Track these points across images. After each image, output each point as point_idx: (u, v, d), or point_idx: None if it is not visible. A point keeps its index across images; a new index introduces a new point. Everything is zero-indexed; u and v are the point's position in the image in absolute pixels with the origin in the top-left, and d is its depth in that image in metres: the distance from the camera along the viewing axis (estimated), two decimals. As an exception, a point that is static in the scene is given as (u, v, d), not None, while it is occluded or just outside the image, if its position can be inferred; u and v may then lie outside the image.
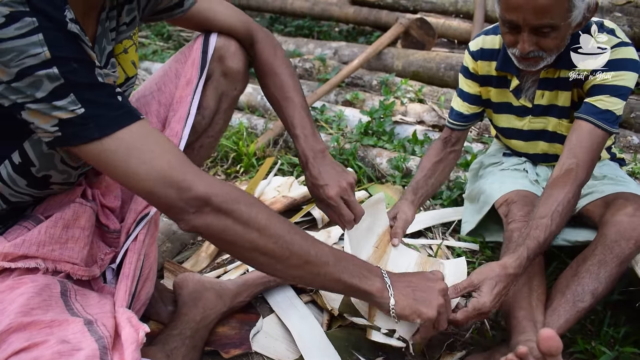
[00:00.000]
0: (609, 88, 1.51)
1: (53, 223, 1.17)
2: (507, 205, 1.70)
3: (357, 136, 2.76)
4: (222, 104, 1.43)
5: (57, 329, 1.00)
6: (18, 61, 0.87)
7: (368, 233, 1.59)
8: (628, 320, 1.59)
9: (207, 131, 1.43)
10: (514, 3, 1.41)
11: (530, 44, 1.47)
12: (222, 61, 1.38)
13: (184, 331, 1.36)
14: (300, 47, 4.17)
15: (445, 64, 3.49)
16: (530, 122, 1.76)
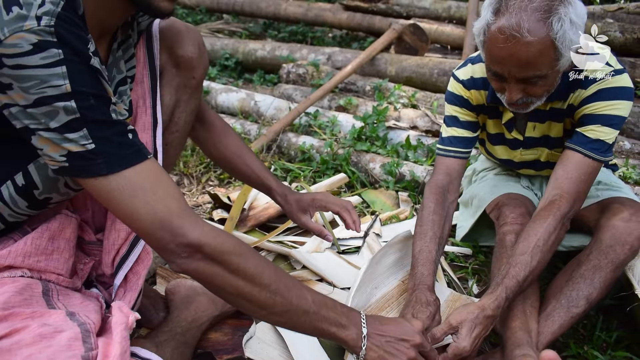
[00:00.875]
0: (600, 117, 1.46)
1: (39, 234, 1.16)
2: (498, 209, 1.70)
3: (351, 141, 2.76)
4: (181, 96, 1.37)
5: (38, 318, 0.99)
6: (38, 89, 0.88)
7: (395, 267, 1.63)
8: (620, 325, 1.59)
9: (169, 128, 1.37)
10: (497, 56, 1.36)
11: (517, 93, 1.41)
12: (172, 51, 1.32)
13: (175, 328, 1.36)
14: (294, 53, 4.18)
15: (438, 69, 3.50)
16: (522, 154, 1.75)
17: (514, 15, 1.29)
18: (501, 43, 1.32)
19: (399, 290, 1.65)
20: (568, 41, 1.31)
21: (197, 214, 1.02)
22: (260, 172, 1.61)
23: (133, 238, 1.24)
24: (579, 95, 1.50)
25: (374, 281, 1.62)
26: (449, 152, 1.70)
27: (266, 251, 1.93)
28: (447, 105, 1.73)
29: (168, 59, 1.33)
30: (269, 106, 3.32)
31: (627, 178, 2.35)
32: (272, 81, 4.20)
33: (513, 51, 1.31)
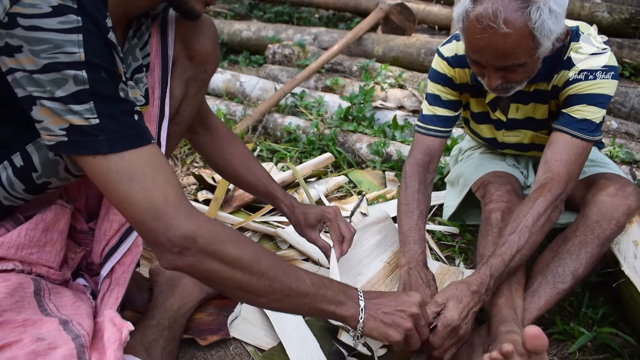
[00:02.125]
0: (585, 97, 1.45)
1: (34, 225, 1.13)
2: (483, 187, 1.69)
3: (337, 122, 2.74)
4: (189, 88, 1.33)
5: (30, 328, 0.97)
6: (50, 54, 0.85)
7: (377, 249, 1.62)
8: (606, 302, 1.59)
9: (174, 120, 1.33)
10: (475, 46, 1.34)
11: (496, 80, 1.40)
12: (186, 43, 1.28)
13: (162, 321, 1.33)
14: (280, 33, 4.12)
15: (425, 49, 3.48)
16: (504, 135, 1.73)
17: (491, 4, 1.26)
18: (478, 33, 1.30)
19: (385, 272, 1.63)
20: (547, 30, 1.29)
21: (193, 206, 0.97)
22: (266, 181, 1.57)
23: (125, 230, 1.22)
24: (563, 76, 1.48)
25: (354, 269, 1.61)
26: (429, 131, 1.70)
27: (252, 231, 1.90)
28: (430, 82, 1.71)
29: (182, 50, 1.28)
30: (254, 87, 3.28)
31: (614, 157, 2.35)
32: (257, 62, 4.15)
33: (490, 42, 1.30)
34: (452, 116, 1.70)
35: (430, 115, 1.69)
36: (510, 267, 1.34)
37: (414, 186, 1.63)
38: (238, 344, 1.43)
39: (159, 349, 1.26)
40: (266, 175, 1.58)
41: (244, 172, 1.55)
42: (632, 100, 2.87)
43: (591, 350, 1.47)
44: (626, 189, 1.47)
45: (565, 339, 1.49)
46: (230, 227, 1.06)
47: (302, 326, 1.43)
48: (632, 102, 2.86)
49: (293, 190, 2.09)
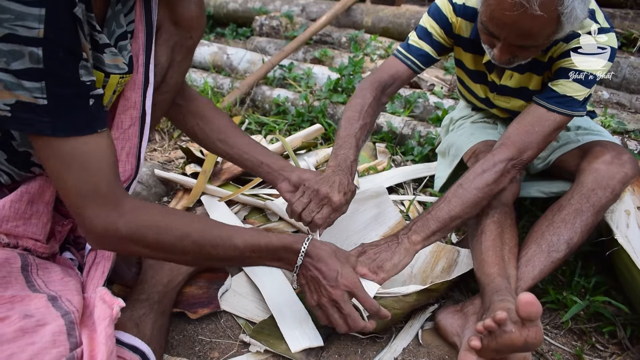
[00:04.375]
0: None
1: (18, 197, 1.10)
2: (475, 157, 1.67)
3: (326, 94, 2.69)
4: (175, 55, 1.28)
5: (18, 305, 0.95)
6: (11, 24, 0.80)
7: (374, 223, 1.61)
8: (598, 271, 1.59)
9: (160, 88, 1.28)
10: (499, 20, 1.28)
11: (506, 55, 1.37)
12: (171, 7, 1.23)
13: (152, 296, 1.31)
14: (267, 5, 4.04)
15: (415, 19, 3.42)
16: (494, 98, 1.71)
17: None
18: (507, 9, 1.24)
19: None
20: (574, 17, 1.25)
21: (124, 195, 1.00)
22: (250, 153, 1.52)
23: None
24: (560, 47, 1.45)
25: (350, 238, 1.59)
26: (406, 58, 1.67)
27: (241, 204, 1.87)
28: (427, 17, 1.65)
29: (166, 16, 1.23)
30: (241, 59, 3.22)
31: (606, 127, 2.33)
32: (244, 35, 4.08)
33: (517, 20, 1.25)
34: (433, 57, 1.67)
35: (414, 46, 1.66)
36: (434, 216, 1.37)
37: (367, 98, 1.61)
38: (229, 317, 1.41)
39: (150, 323, 1.23)
40: (250, 146, 1.52)
41: (223, 146, 1.50)
42: (624, 71, 2.85)
43: (584, 318, 1.47)
44: (622, 156, 1.45)
45: (558, 308, 1.48)
46: (159, 209, 1.07)
47: (294, 298, 1.41)
48: (624, 72, 2.84)
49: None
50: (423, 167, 2.17)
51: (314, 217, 1.36)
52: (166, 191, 1.99)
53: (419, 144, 2.32)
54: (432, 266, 1.54)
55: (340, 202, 1.38)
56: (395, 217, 1.71)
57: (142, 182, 1.91)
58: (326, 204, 1.37)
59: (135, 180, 1.23)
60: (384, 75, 1.65)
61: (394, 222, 1.70)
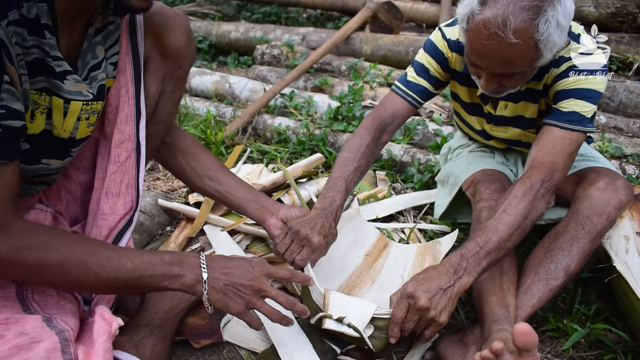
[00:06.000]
0: (573, 92, 1.44)
1: None
2: (473, 186, 1.69)
3: (327, 122, 2.73)
4: (166, 86, 1.30)
5: (14, 325, 0.96)
6: None
7: (354, 247, 1.63)
8: (598, 297, 1.60)
9: (153, 119, 1.30)
10: (479, 51, 1.33)
11: (492, 84, 1.41)
12: (158, 38, 1.25)
13: (153, 321, 1.32)
14: (268, 34, 4.11)
15: (414, 47, 3.47)
16: (491, 129, 1.74)
17: (501, 11, 1.24)
18: (484, 39, 1.29)
19: (366, 263, 1.64)
20: (551, 44, 1.29)
21: (10, 219, 0.98)
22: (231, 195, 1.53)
23: (115, 235, 1.21)
24: (552, 73, 1.48)
25: (336, 267, 1.61)
26: (405, 94, 1.68)
27: (243, 234, 1.89)
28: (423, 52, 1.68)
29: (154, 47, 1.25)
30: (243, 88, 3.27)
31: (604, 152, 2.36)
32: (246, 63, 4.14)
33: (495, 49, 1.29)
34: (431, 92, 1.70)
35: (412, 82, 1.68)
36: (486, 249, 1.28)
37: (365, 138, 1.61)
38: (231, 347, 1.42)
39: (149, 345, 1.25)
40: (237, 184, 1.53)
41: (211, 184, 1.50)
42: (620, 95, 2.88)
43: (585, 346, 1.47)
44: (616, 182, 1.47)
45: (558, 336, 1.49)
46: (45, 230, 1.04)
47: (295, 328, 1.42)
48: (620, 97, 2.88)
49: (284, 192, 2.08)
50: (423, 194, 2.19)
51: (294, 257, 1.38)
52: (169, 220, 2.01)
53: (419, 172, 2.34)
54: (420, 266, 1.58)
55: (320, 244, 1.38)
56: (373, 236, 1.72)
57: (146, 212, 1.93)
58: (306, 244, 1.38)
59: (137, 211, 1.26)
60: (384, 114, 1.67)
61: (374, 239, 1.71)
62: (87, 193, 1.32)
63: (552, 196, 1.41)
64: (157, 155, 1.48)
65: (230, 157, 2.44)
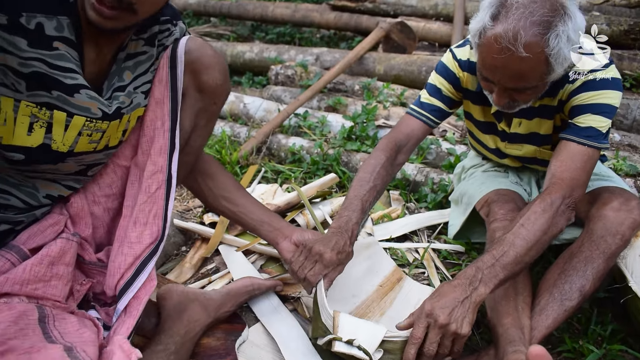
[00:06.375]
0: (589, 107, 1.45)
1: (39, 260, 1.14)
2: (487, 206, 1.69)
3: (341, 141, 2.75)
4: (199, 120, 1.33)
5: (36, 355, 0.97)
6: None
7: (369, 274, 1.64)
8: (614, 318, 1.59)
9: (184, 150, 1.34)
10: (490, 65, 1.36)
11: (504, 98, 1.43)
12: (196, 75, 1.28)
13: (169, 346, 1.33)
14: (282, 54, 4.16)
15: (426, 66, 3.50)
16: (506, 147, 1.75)
17: (512, 25, 1.27)
18: (495, 53, 1.31)
19: (378, 295, 1.65)
20: (562, 58, 1.31)
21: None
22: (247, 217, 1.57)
23: (139, 264, 1.23)
24: (567, 89, 1.49)
25: (350, 290, 1.62)
26: (420, 115, 1.71)
27: (257, 254, 1.91)
28: (435, 74, 1.72)
29: (191, 82, 1.28)
30: (258, 108, 3.31)
31: (618, 170, 2.35)
32: (260, 83, 4.19)
33: (506, 63, 1.31)
34: (446, 111, 1.72)
35: (426, 103, 1.71)
36: (502, 262, 1.27)
37: (380, 159, 1.63)
38: (246, 368, 1.43)
39: None
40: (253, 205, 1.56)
41: (227, 205, 1.54)
42: (634, 112, 2.87)
43: (601, 367, 1.46)
44: (630, 202, 1.47)
45: (574, 357, 1.48)
46: None
47: (310, 348, 1.43)
48: (634, 114, 2.87)
49: (298, 212, 2.10)
50: (437, 214, 2.19)
51: (306, 274, 1.39)
52: (185, 240, 2.03)
53: (433, 191, 2.35)
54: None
55: (332, 259, 1.40)
56: (389, 267, 1.73)
57: (162, 233, 1.95)
58: (318, 260, 1.40)
59: (164, 241, 1.27)
60: (399, 135, 1.70)
61: (389, 271, 1.72)
62: (114, 219, 1.35)
63: (572, 212, 1.41)
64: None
65: (244, 177, 2.47)
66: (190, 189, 1.56)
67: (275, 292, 1.67)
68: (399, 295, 1.67)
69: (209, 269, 1.87)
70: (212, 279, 1.78)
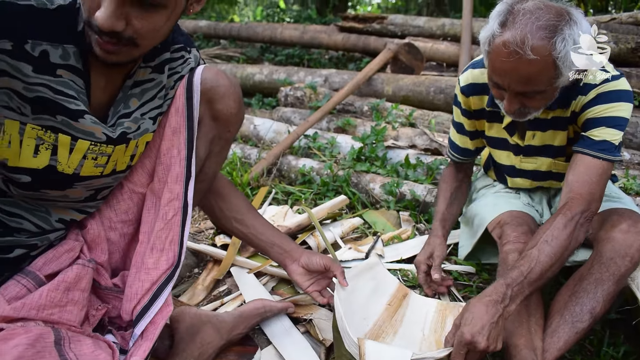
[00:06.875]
0: (603, 120, 1.48)
1: (55, 286, 1.17)
2: (500, 227, 1.70)
3: (350, 162, 2.77)
4: (213, 147, 1.36)
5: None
6: None
7: (375, 295, 1.65)
8: (626, 339, 1.58)
9: (198, 177, 1.36)
10: (499, 69, 1.41)
11: (515, 104, 1.46)
12: (211, 104, 1.31)
13: None
14: (291, 76, 4.21)
15: (434, 87, 3.53)
16: (521, 161, 1.77)
17: (519, 30, 1.33)
18: (504, 57, 1.36)
19: (388, 314, 1.64)
20: (569, 62, 1.35)
21: None
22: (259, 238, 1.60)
23: (156, 289, 1.25)
24: (580, 101, 1.52)
25: (358, 314, 1.62)
26: (455, 157, 1.95)
27: (269, 275, 1.92)
28: (454, 107, 1.86)
29: (206, 111, 1.31)
30: (268, 130, 3.34)
31: (628, 189, 2.35)
32: (270, 104, 4.23)
33: (515, 66, 1.36)
34: (473, 150, 1.88)
35: (456, 145, 1.90)
36: (529, 279, 1.30)
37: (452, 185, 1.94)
38: (259, 391, 1.43)
39: None
40: (264, 227, 1.59)
41: (238, 226, 1.57)
42: (644, 132, 2.87)
43: (614, 389, 1.45)
44: (639, 225, 1.47)
45: (587, 379, 1.48)
46: None
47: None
48: (644, 134, 2.87)
49: (309, 234, 2.12)
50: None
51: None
52: (197, 262, 2.05)
53: (442, 211, 2.36)
54: (442, 325, 1.57)
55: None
56: (393, 284, 1.73)
57: (174, 255, 1.97)
58: None
59: (180, 267, 1.29)
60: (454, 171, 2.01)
61: (394, 288, 1.72)
62: (129, 244, 1.37)
63: (589, 224, 1.44)
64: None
65: (255, 198, 2.50)
66: (202, 207, 1.59)
67: (287, 314, 1.68)
68: (408, 312, 1.67)
69: (221, 291, 1.88)
70: (225, 301, 1.80)
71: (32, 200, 1.20)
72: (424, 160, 2.77)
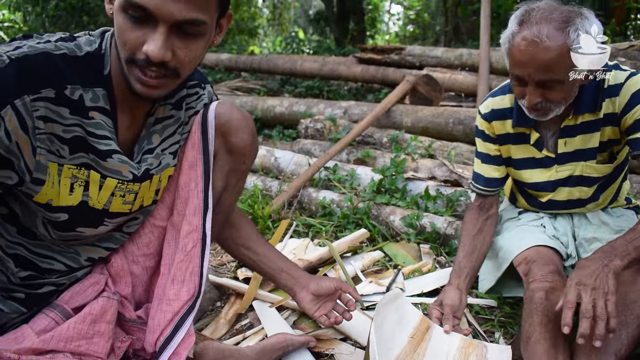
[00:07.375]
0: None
1: (82, 319, 1.21)
2: (526, 264, 1.69)
3: (370, 194, 2.80)
4: (230, 179, 1.40)
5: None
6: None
7: (399, 326, 1.66)
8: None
9: (215, 209, 1.39)
10: (519, 60, 1.51)
11: (536, 96, 1.53)
12: (226, 137, 1.35)
13: None
14: (311, 108, 4.27)
15: (453, 118, 3.55)
16: (557, 171, 1.78)
17: (535, 24, 1.47)
18: (523, 47, 1.49)
19: (411, 347, 1.64)
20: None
21: None
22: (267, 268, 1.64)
23: (178, 320, 1.28)
24: (614, 102, 1.59)
25: (384, 344, 1.63)
26: (480, 190, 1.93)
27: (290, 309, 1.94)
28: (477, 139, 1.91)
29: (221, 144, 1.36)
30: (289, 162, 3.39)
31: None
32: (290, 136, 4.29)
33: (533, 54, 1.47)
34: (500, 178, 1.89)
35: (482, 176, 1.90)
36: (634, 245, 1.41)
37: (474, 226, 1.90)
38: None
39: None
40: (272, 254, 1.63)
41: (247, 253, 1.61)
42: (666, 162, 2.86)
43: None
44: None
45: (613, 417, 1.45)
46: None
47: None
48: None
49: (330, 267, 2.13)
50: (467, 267, 2.19)
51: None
52: (219, 296, 2.08)
53: (463, 244, 2.36)
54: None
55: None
56: (416, 317, 1.73)
57: (198, 289, 2.00)
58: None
59: (200, 297, 1.33)
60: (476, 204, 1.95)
61: (417, 321, 1.72)
62: (152, 277, 1.41)
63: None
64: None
65: (277, 231, 2.52)
66: (213, 236, 1.63)
67: (308, 349, 1.69)
68: (430, 345, 1.67)
69: (243, 325, 1.90)
70: (247, 334, 1.81)
71: (65, 242, 1.25)
72: (444, 192, 2.77)
